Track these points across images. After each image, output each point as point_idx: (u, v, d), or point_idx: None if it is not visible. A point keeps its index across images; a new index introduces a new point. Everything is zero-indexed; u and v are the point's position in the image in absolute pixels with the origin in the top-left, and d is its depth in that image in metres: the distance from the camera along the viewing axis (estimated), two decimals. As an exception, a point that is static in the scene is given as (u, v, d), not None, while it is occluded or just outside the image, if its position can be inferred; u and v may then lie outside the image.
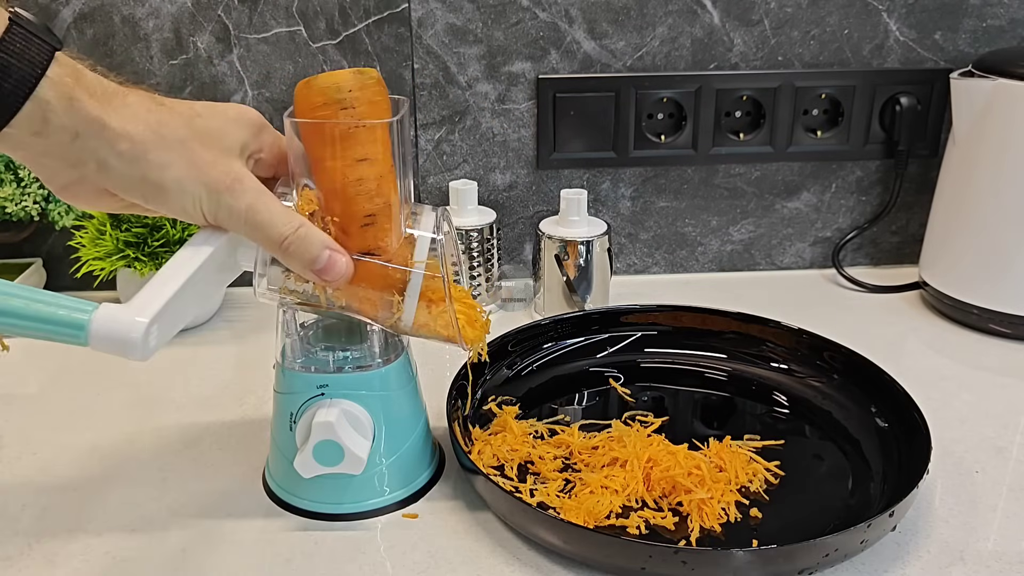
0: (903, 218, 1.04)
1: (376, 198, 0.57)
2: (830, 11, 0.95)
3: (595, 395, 0.78)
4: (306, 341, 0.64)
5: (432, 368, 0.78)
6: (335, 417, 0.60)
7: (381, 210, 0.57)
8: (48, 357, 0.86)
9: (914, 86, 0.97)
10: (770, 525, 0.61)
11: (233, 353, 0.87)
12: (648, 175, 1.00)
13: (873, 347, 0.77)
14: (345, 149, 0.56)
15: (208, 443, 0.72)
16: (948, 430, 0.73)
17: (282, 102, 0.94)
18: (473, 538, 0.61)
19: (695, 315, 0.83)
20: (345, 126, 0.55)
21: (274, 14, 0.91)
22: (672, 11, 0.94)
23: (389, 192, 0.58)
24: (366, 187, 0.56)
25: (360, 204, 0.57)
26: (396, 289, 0.59)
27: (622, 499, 0.62)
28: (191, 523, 0.63)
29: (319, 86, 0.55)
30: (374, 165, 0.56)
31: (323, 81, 0.55)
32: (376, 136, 0.56)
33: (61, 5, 0.89)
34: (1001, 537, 0.61)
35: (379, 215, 0.57)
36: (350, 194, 0.56)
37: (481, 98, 0.96)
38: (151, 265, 0.84)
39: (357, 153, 0.56)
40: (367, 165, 0.56)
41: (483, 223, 0.92)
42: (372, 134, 0.56)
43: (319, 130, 0.56)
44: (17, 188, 0.88)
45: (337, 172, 0.56)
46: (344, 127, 0.55)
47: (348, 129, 0.55)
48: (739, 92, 0.97)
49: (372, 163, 0.56)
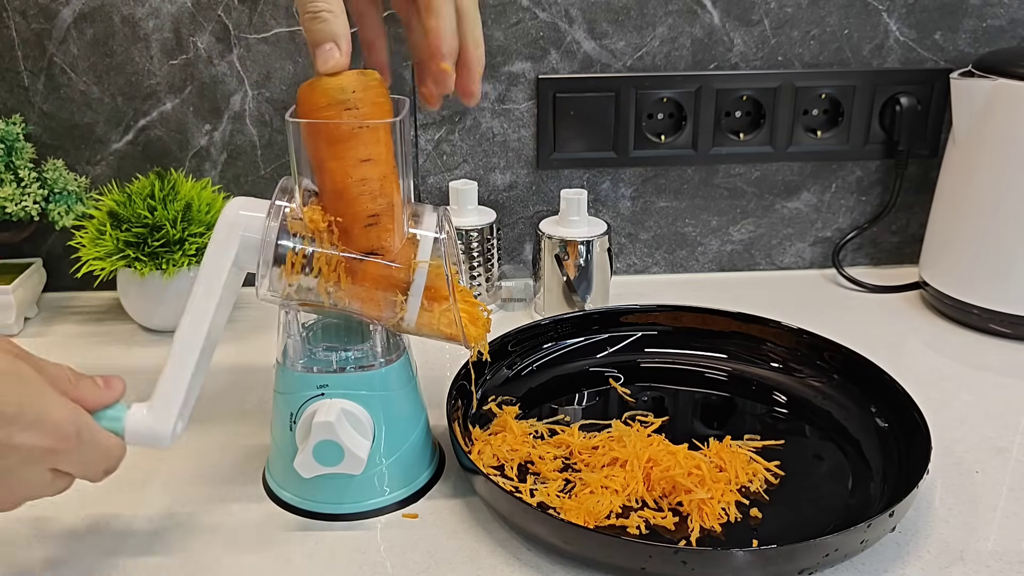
0: (903, 218, 1.04)
1: (379, 198, 0.57)
2: (830, 11, 0.95)
3: (595, 395, 0.78)
4: (307, 341, 0.64)
5: (432, 368, 0.78)
6: (335, 417, 0.60)
7: (384, 210, 0.57)
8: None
9: (914, 86, 0.97)
10: (770, 525, 0.61)
11: (233, 353, 0.87)
12: (648, 175, 1.00)
13: (873, 347, 0.77)
14: (348, 150, 0.56)
15: (208, 443, 0.72)
16: (948, 430, 0.73)
17: (282, 102, 0.94)
18: (473, 538, 0.61)
19: (695, 315, 0.83)
20: (347, 127, 0.55)
21: (274, 14, 0.91)
22: (672, 11, 0.94)
23: (392, 192, 0.58)
24: (369, 187, 0.57)
25: (363, 204, 0.57)
26: (399, 289, 0.59)
27: (622, 499, 0.62)
28: (191, 523, 0.63)
29: (322, 87, 0.55)
30: (377, 165, 0.57)
31: (327, 82, 0.55)
32: (379, 136, 0.56)
33: (61, 5, 0.89)
34: (1001, 537, 0.61)
35: (382, 215, 0.57)
36: (353, 194, 0.57)
37: (481, 98, 0.96)
38: (151, 265, 0.84)
39: (360, 154, 0.56)
40: (370, 165, 0.56)
41: (483, 223, 0.92)
42: (375, 134, 0.56)
43: (322, 131, 0.56)
44: (17, 188, 0.87)
45: (340, 173, 0.56)
46: (347, 128, 0.55)
47: (351, 130, 0.55)
48: (739, 92, 0.97)
49: (375, 163, 0.56)
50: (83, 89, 0.92)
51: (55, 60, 0.91)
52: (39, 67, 0.91)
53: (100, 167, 0.96)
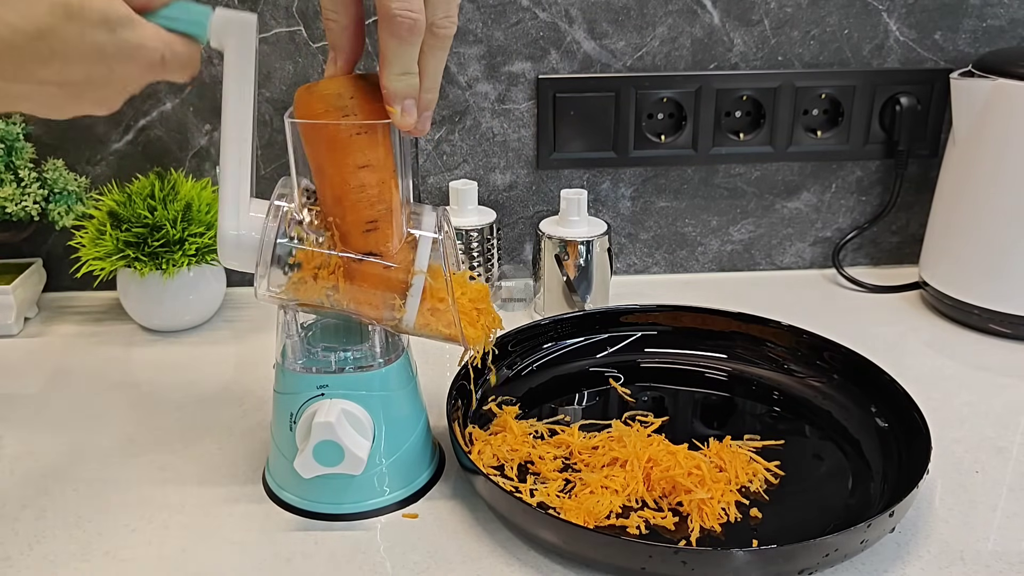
0: (903, 218, 1.04)
1: (378, 204, 0.57)
2: (830, 11, 0.95)
3: (595, 395, 0.78)
4: (306, 341, 0.64)
5: (432, 368, 0.78)
6: (335, 417, 0.60)
7: (383, 216, 0.57)
8: (48, 357, 0.87)
9: (914, 86, 0.97)
10: (770, 525, 0.61)
11: (233, 353, 0.87)
12: (648, 175, 1.00)
13: (873, 347, 0.77)
14: (345, 156, 0.55)
15: (208, 443, 0.72)
16: (948, 430, 0.73)
17: (282, 102, 0.94)
18: (473, 538, 0.61)
19: (695, 315, 0.83)
20: (345, 134, 0.55)
21: (274, 14, 0.91)
22: (672, 11, 0.94)
23: (391, 197, 0.57)
24: (367, 193, 0.56)
25: (361, 211, 0.57)
26: (398, 290, 0.59)
27: (622, 499, 0.62)
28: (191, 523, 0.63)
29: (319, 93, 0.55)
30: (375, 171, 0.56)
31: (323, 88, 0.55)
32: (377, 141, 0.56)
33: (61, 5, 0.89)
34: (1001, 537, 0.61)
35: (381, 221, 0.57)
36: (351, 200, 0.56)
37: (481, 98, 0.96)
38: (151, 265, 0.84)
39: (358, 160, 0.56)
40: (368, 171, 0.56)
41: (483, 223, 0.92)
42: (373, 139, 0.56)
43: (319, 136, 0.56)
44: (17, 188, 0.87)
45: (338, 179, 0.56)
46: (344, 135, 0.55)
47: (348, 136, 0.55)
48: (739, 92, 0.97)
49: (373, 169, 0.56)
50: (83, 89, 0.92)
51: (55, 60, 0.91)
52: (39, 67, 0.91)
53: (100, 167, 0.96)
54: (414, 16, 0.51)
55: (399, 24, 0.51)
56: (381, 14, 0.51)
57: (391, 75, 0.53)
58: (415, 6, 0.51)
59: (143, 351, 0.88)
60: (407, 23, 0.51)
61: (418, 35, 0.52)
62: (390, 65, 0.53)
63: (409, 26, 0.51)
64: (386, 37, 0.52)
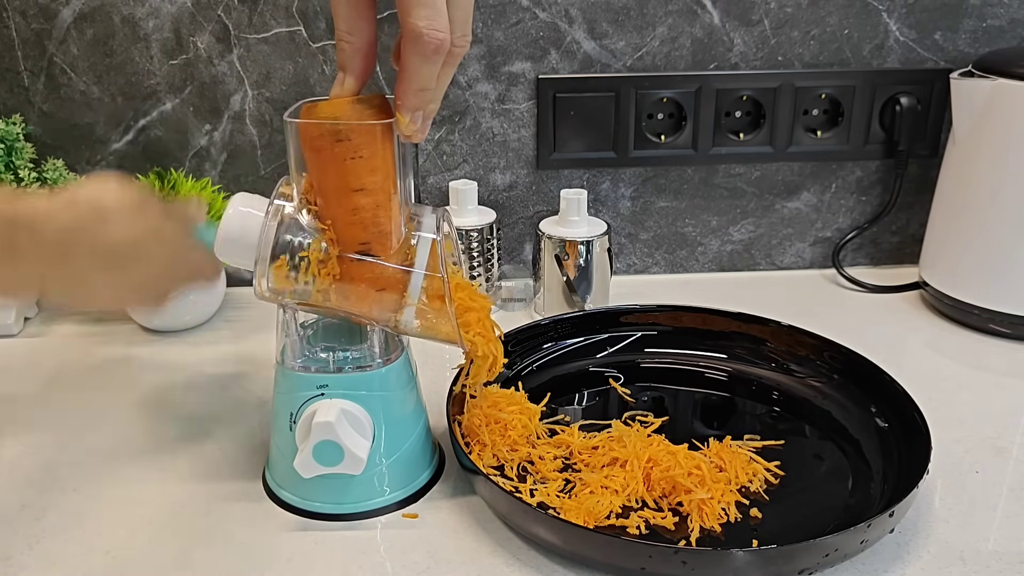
0: (903, 218, 1.04)
1: (371, 227, 0.57)
2: (830, 11, 0.95)
3: (595, 395, 0.78)
4: (306, 341, 0.64)
5: (432, 368, 0.78)
6: (335, 417, 0.60)
7: (375, 238, 0.58)
8: (48, 357, 0.86)
9: (914, 86, 0.97)
10: (770, 525, 0.61)
11: (233, 353, 0.87)
12: (648, 175, 1.00)
13: (873, 347, 0.77)
14: (339, 178, 0.55)
15: (208, 443, 0.72)
16: (948, 430, 0.73)
17: (282, 102, 0.94)
18: (473, 538, 0.61)
19: (695, 315, 0.83)
20: (340, 158, 0.55)
21: (274, 14, 0.91)
22: (672, 11, 0.94)
23: (386, 222, 0.57)
24: (361, 217, 0.57)
25: (355, 233, 0.57)
26: (396, 291, 0.59)
27: (622, 499, 0.62)
28: (191, 523, 0.63)
29: (317, 116, 0.55)
30: (370, 195, 0.56)
31: (322, 112, 0.55)
32: (375, 166, 0.56)
33: (61, 5, 0.89)
34: (1001, 537, 0.61)
35: (373, 243, 0.58)
36: (345, 222, 0.57)
37: (481, 98, 0.96)
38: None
39: (353, 183, 0.56)
40: (363, 195, 0.56)
41: (483, 223, 0.92)
42: (370, 164, 0.55)
43: (316, 154, 0.55)
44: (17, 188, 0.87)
45: (332, 199, 0.56)
46: (340, 159, 0.55)
47: (344, 161, 0.55)
48: (739, 92, 0.97)
49: (368, 193, 0.56)
50: (83, 89, 0.92)
51: (55, 60, 0.91)
52: (39, 67, 0.91)
53: (100, 167, 0.96)
54: (441, 36, 0.51)
55: (426, 44, 0.51)
56: (407, 31, 0.51)
57: (409, 90, 0.53)
58: (442, 25, 0.51)
59: (143, 351, 0.88)
60: (434, 44, 0.51)
61: (443, 55, 0.52)
62: (410, 81, 0.53)
63: (436, 46, 0.51)
64: (410, 54, 0.52)
